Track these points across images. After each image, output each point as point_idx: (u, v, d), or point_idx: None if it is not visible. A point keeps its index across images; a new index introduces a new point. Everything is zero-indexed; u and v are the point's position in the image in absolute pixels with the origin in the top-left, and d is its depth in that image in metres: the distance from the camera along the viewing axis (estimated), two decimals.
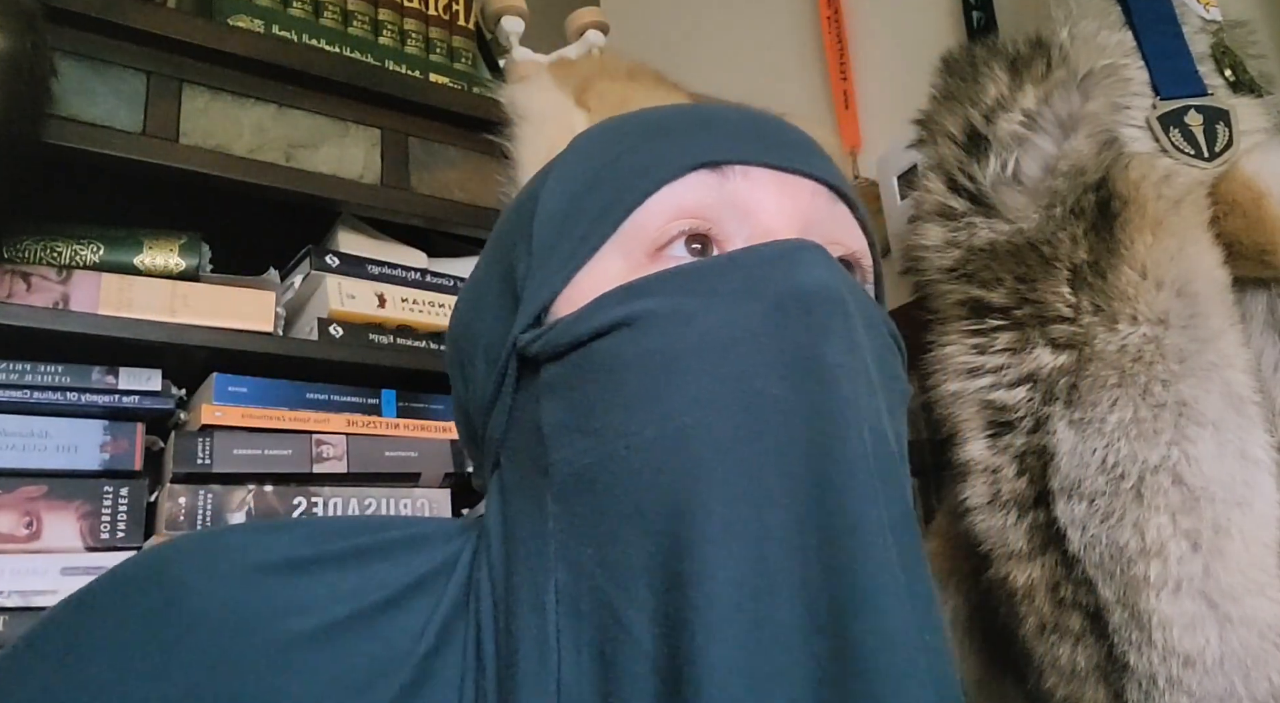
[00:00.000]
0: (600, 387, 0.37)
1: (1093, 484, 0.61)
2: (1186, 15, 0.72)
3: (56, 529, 0.82)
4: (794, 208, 0.40)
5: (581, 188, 0.42)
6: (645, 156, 0.41)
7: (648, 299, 0.37)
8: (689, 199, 0.39)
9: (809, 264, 0.36)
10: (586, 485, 0.36)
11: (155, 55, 0.91)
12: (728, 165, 0.40)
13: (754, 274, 0.37)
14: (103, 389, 0.85)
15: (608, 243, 0.39)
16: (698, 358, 0.35)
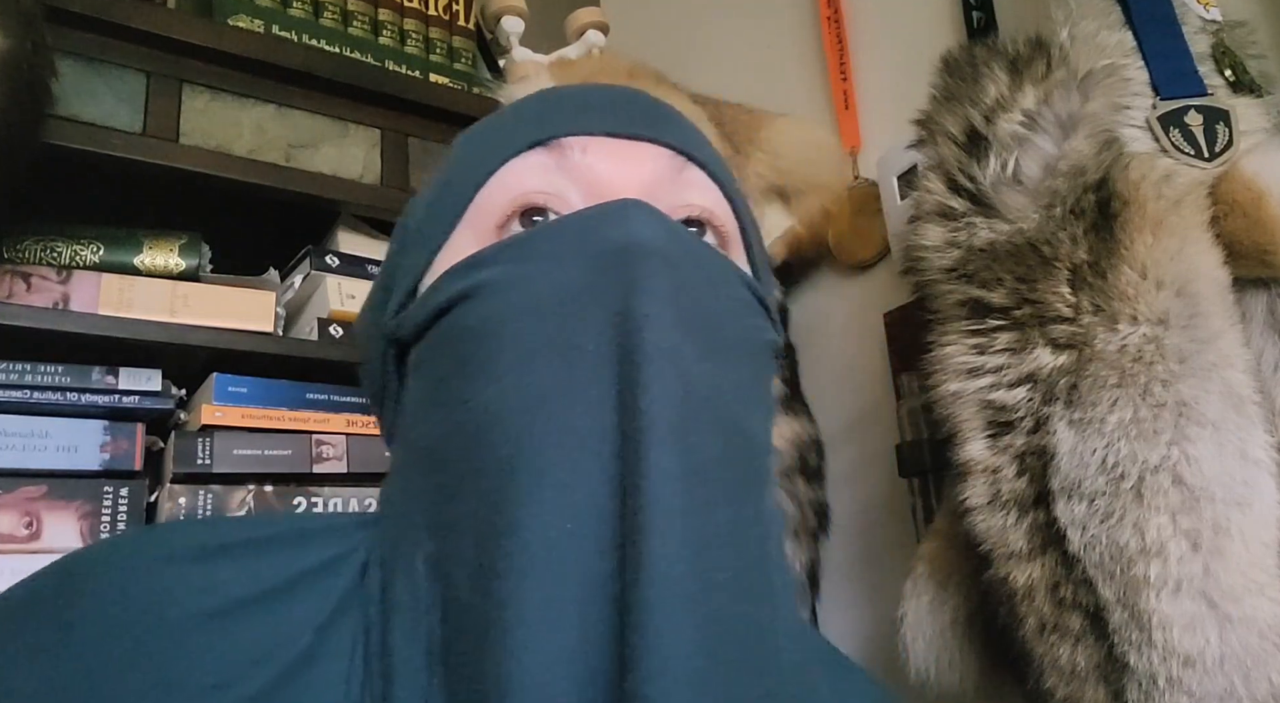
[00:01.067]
0: (446, 360, 0.39)
1: (1093, 484, 0.61)
2: (1186, 15, 0.72)
3: (57, 529, 0.82)
4: (634, 173, 0.41)
5: (443, 180, 0.44)
6: (491, 139, 0.43)
7: (485, 269, 0.39)
8: (527, 175, 0.41)
9: (629, 220, 0.38)
10: (439, 455, 0.38)
11: (155, 55, 0.91)
12: (565, 139, 0.41)
13: (578, 235, 0.38)
14: (103, 389, 0.85)
15: (460, 223, 0.42)
16: (525, 320, 0.37)
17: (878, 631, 1.00)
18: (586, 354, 0.35)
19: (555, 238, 0.39)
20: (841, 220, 1.08)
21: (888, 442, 0.98)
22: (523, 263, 0.38)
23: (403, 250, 0.45)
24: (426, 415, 0.39)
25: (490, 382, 0.36)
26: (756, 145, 1.09)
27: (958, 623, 0.74)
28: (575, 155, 0.41)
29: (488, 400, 0.36)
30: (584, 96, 0.45)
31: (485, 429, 0.36)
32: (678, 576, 0.32)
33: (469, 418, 0.37)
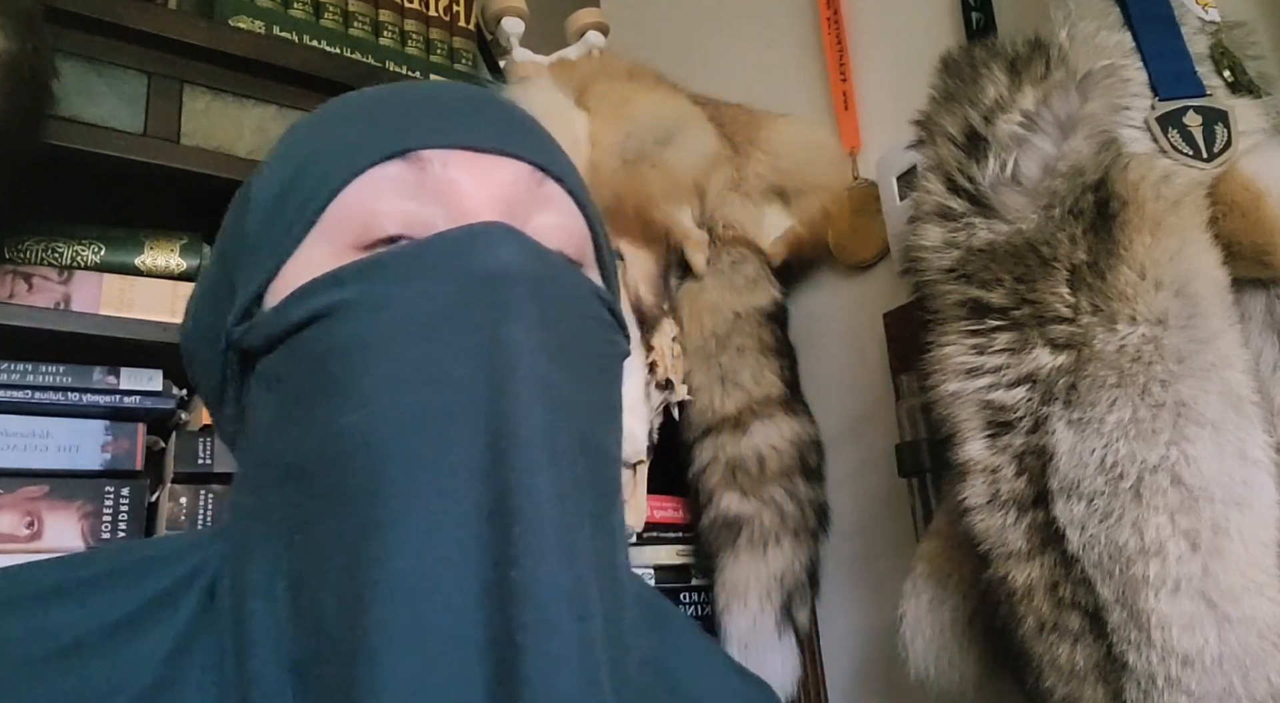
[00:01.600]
0: (305, 378, 0.38)
1: (1091, 484, 0.62)
2: (1185, 16, 0.72)
3: (58, 529, 0.82)
4: (495, 190, 0.41)
5: (288, 177, 0.42)
6: (343, 144, 0.41)
7: (345, 288, 0.38)
8: (387, 191, 0.40)
9: (494, 245, 0.38)
10: (298, 475, 0.37)
11: (156, 56, 0.91)
12: (424, 151, 0.40)
13: (442, 259, 0.38)
14: (104, 389, 0.86)
15: (311, 232, 0.40)
16: (390, 344, 0.37)
17: (877, 630, 1.00)
18: (456, 381, 0.35)
19: (422, 260, 0.38)
20: (841, 221, 1.08)
21: (887, 442, 0.98)
22: (387, 284, 0.38)
23: (245, 250, 0.42)
24: (283, 433, 0.38)
25: (356, 406, 0.36)
26: (756, 146, 1.09)
27: (957, 622, 0.74)
28: (435, 169, 0.40)
29: (354, 425, 0.36)
30: (440, 102, 0.43)
31: (351, 454, 0.35)
32: (558, 601, 0.32)
33: (333, 442, 0.36)
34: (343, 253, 0.39)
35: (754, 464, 1.01)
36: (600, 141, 0.98)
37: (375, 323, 0.37)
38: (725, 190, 1.08)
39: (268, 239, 0.41)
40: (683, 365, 1.03)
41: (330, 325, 0.38)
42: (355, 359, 0.37)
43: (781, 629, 0.99)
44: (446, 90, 0.45)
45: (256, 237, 0.42)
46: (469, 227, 0.39)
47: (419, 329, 0.37)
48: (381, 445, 0.35)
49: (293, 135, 0.45)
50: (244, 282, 0.41)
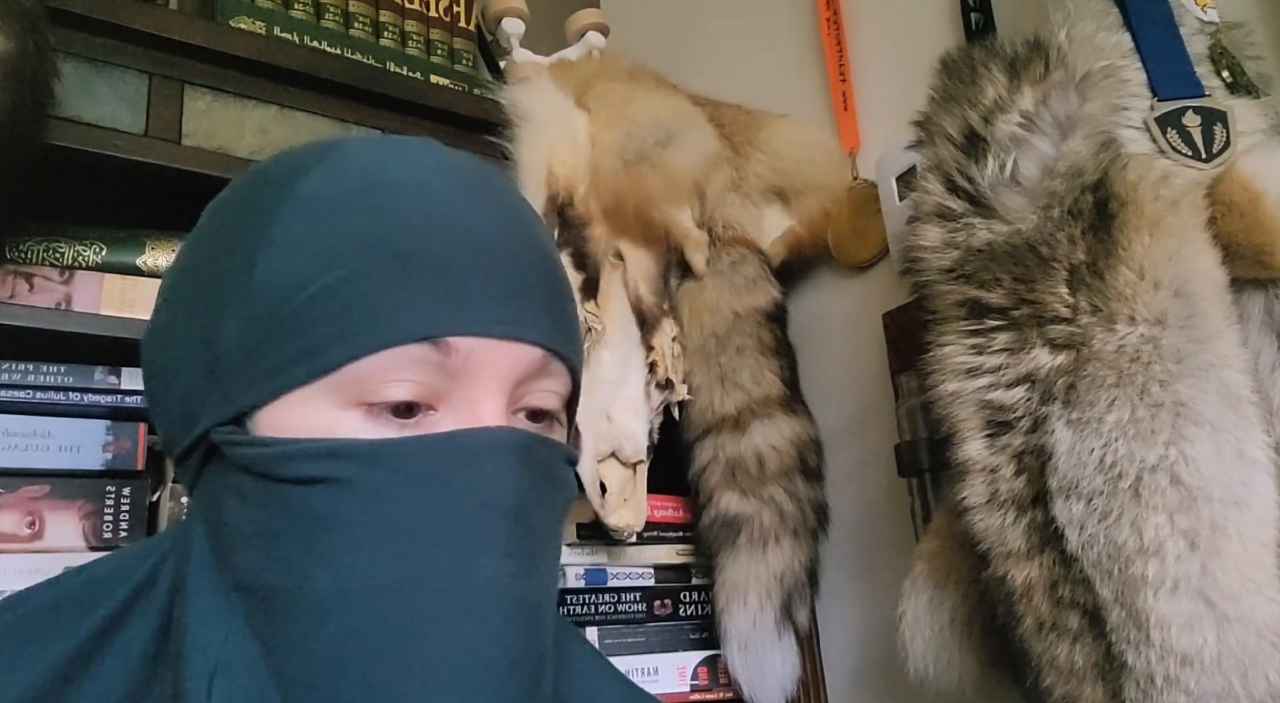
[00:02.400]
0: (290, 526, 0.40)
1: (1090, 484, 0.62)
2: (1184, 17, 0.72)
3: (59, 529, 0.82)
4: (507, 375, 0.42)
5: (305, 290, 0.40)
6: (375, 301, 0.40)
7: (345, 464, 0.39)
8: (409, 369, 0.40)
9: (496, 469, 0.41)
10: (268, 600, 0.40)
11: (157, 57, 0.91)
12: (450, 339, 0.41)
13: (445, 468, 0.40)
14: (105, 389, 0.86)
15: (320, 380, 0.40)
16: (372, 532, 0.39)
17: (877, 630, 1.00)
18: (427, 587, 0.39)
19: (423, 461, 0.40)
20: (841, 221, 1.08)
21: (887, 442, 0.98)
22: (387, 473, 0.39)
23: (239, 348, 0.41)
24: (255, 556, 0.40)
25: (332, 579, 0.39)
26: (756, 146, 1.09)
27: (956, 622, 0.74)
28: (459, 355, 0.41)
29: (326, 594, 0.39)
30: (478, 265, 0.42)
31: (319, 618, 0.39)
32: None
33: (304, 596, 0.39)
34: (346, 413, 0.40)
35: (754, 464, 1.01)
36: (600, 142, 0.98)
37: (365, 509, 0.39)
38: (725, 191, 1.08)
39: (269, 356, 0.40)
40: (683, 365, 1.04)
41: (327, 494, 0.39)
42: (341, 538, 0.39)
43: (781, 629, 0.99)
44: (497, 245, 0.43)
45: (256, 340, 0.40)
46: (475, 437, 0.41)
47: (409, 532, 0.39)
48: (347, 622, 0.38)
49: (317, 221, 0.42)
50: (235, 386, 0.41)
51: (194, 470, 0.43)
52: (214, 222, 0.46)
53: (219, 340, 0.41)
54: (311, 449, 0.39)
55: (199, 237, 0.46)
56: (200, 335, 0.42)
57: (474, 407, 0.41)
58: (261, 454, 0.40)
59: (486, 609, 0.39)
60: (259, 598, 0.40)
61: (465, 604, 0.39)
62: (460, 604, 0.39)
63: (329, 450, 0.39)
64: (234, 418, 0.41)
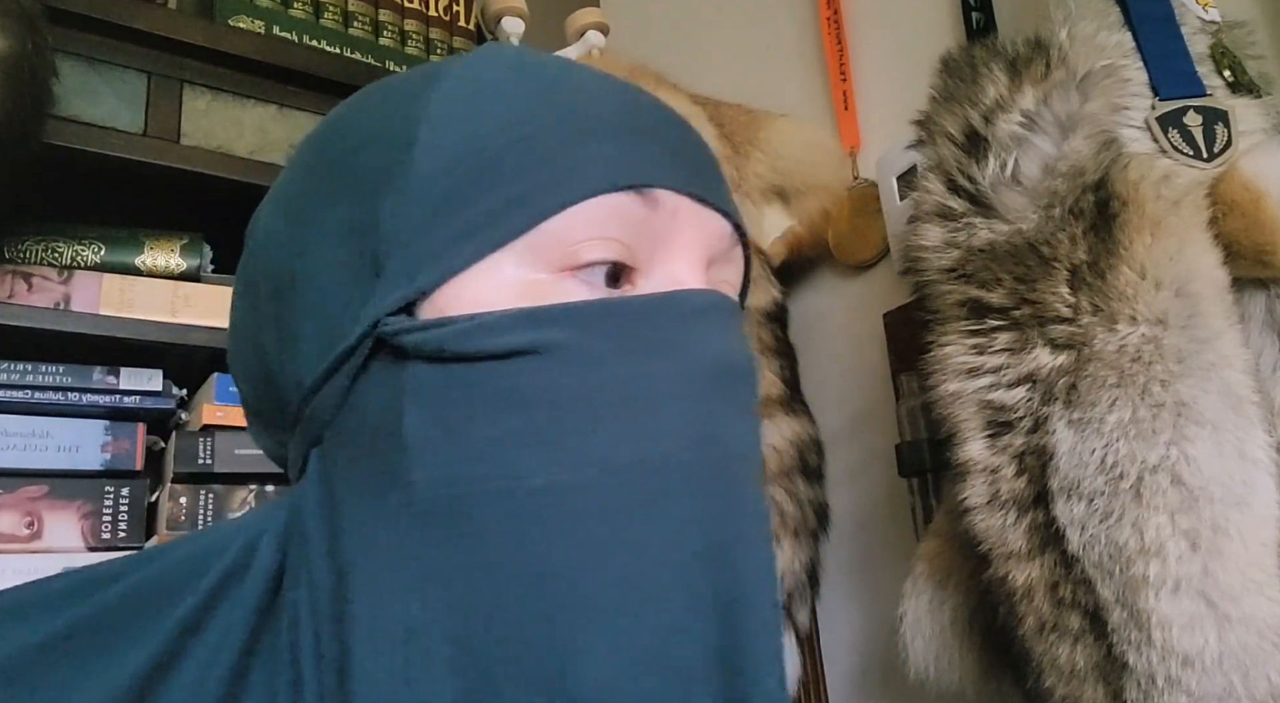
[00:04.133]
0: (489, 413, 0.33)
1: (1092, 484, 0.62)
2: (1185, 16, 0.72)
3: (58, 529, 0.82)
4: (704, 248, 0.38)
5: (484, 148, 0.35)
6: (567, 154, 0.35)
7: (555, 330, 0.33)
8: (612, 223, 0.35)
9: (721, 331, 0.36)
10: (458, 517, 0.32)
11: (156, 56, 0.91)
12: (656, 190, 0.36)
13: (668, 330, 0.35)
14: (104, 389, 0.86)
15: (513, 242, 0.34)
16: (605, 408, 0.33)
17: (877, 630, 1.00)
18: (677, 468, 0.33)
19: (642, 322, 0.35)
20: (841, 221, 1.08)
21: (888, 442, 0.98)
22: (602, 338, 0.34)
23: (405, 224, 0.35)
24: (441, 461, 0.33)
25: (551, 465, 0.32)
26: (756, 146, 1.09)
27: (957, 622, 0.74)
28: (665, 212, 0.36)
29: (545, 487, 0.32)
30: (668, 131, 0.39)
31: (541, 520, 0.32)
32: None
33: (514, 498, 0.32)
34: (540, 279, 0.34)
35: None
36: None
37: (590, 378, 0.33)
38: None
39: (444, 230, 0.34)
40: None
41: (535, 365, 0.33)
42: (560, 412, 0.33)
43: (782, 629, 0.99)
44: (666, 115, 0.40)
45: (426, 217, 0.34)
46: (694, 296, 0.36)
47: (639, 400, 0.33)
48: (587, 522, 0.32)
49: (486, 92, 0.37)
50: (404, 267, 0.34)
51: (334, 402, 0.35)
52: (337, 124, 0.39)
53: (378, 225, 0.35)
54: (515, 317, 0.33)
55: (315, 146, 0.40)
56: (347, 227, 0.36)
57: (676, 276, 0.36)
58: (451, 332, 0.33)
59: (740, 482, 0.34)
60: (446, 522, 0.32)
61: (719, 480, 0.33)
62: (714, 481, 0.33)
63: (533, 316, 0.33)
64: (402, 308, 0.34)
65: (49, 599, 0.35)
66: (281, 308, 0.37)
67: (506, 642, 0.31)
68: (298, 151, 0.41)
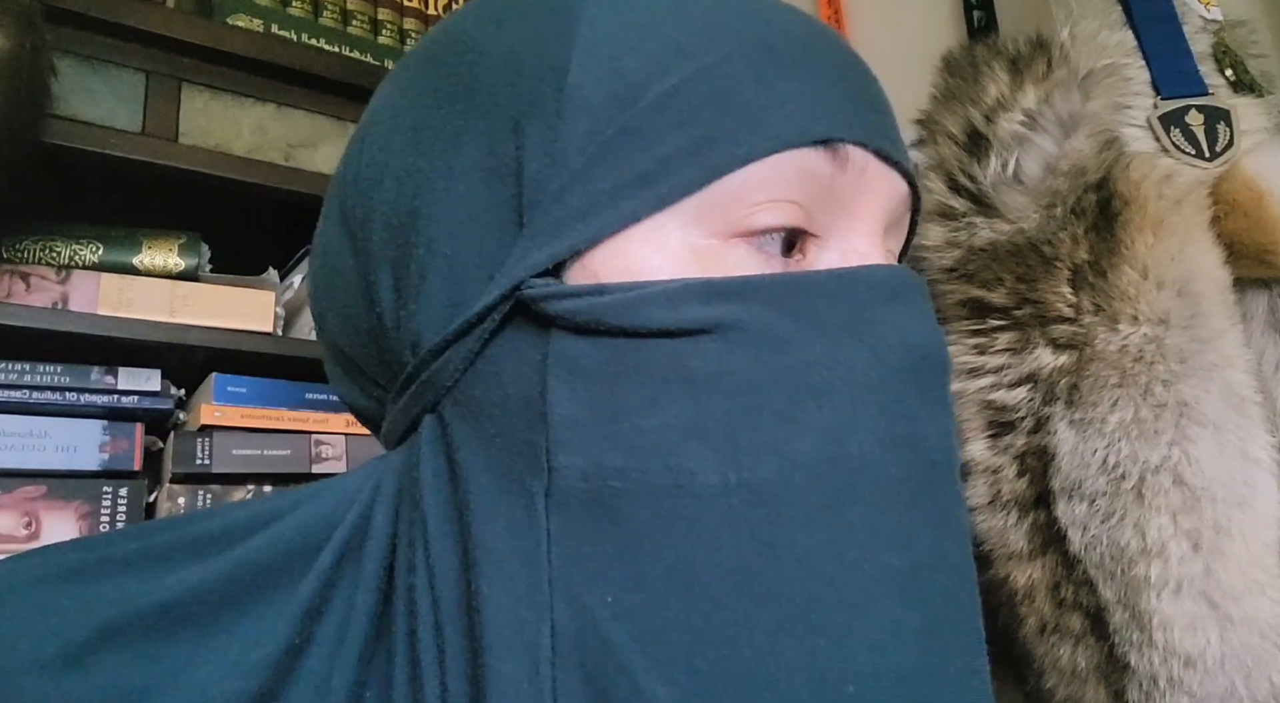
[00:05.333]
0: (653, 396, 0.29)
1: (1093, 485, 0.61)
2: (1187, 15, 0.72)
3: (56, 530, 0.82)
4: (886, 215, 0.34)
5: (650, 85, 0.30)
6: (753, 95, 0.30)
7: (734, 305, 0.29)
8: (797, 183, 0.30)
9: (916, 316, 0.31)
10: (607, 512, 0.28)
11: (154, 55, 0.91)
12: (845, 146, 0.31)
13: (862, 312, 0.30)
14: (102, 389, 0.85)
15: (683, 200, 0.30)
16: (789, 397, 0.29)
17: None
18: (869, 468, 0.29)
19: (829, 300, 0.30)
20: None
21: None
22: (785, 316, 0.29)
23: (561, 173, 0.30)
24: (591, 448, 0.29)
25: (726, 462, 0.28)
26: None
27: None
28: (853, 176, 0.32)
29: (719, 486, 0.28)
30: (856, 80, 0.34)
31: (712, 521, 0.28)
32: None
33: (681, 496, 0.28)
34: (710, 243, 0.30)
35: None
36: None
37: (771, 363, 0.29)
38: None
39: (602, 182, 0.30)
40: None
41: (710, 346, 0.29)
42: (739, 401, 0.28)
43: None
44: (850, 54, 0.35)
45: (581, 164, 0.30)
46: (883, 273, 0.31)
47: (827, 389, 0.29)
48: (765, 525, 0.28)
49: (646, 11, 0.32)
50: (556, 221, 0.30)
51: (460, 366, 0.31)
52: (464, 39, 0.34)
53: (523, 167, 0.30)
54: (688, 288, 0.29)
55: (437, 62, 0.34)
56: (485, 166, 0.31)
57: (856, 244, 0.32)
58: (611, 302, 0.29)
59: (940, 489, 0.30)
60: (595, 515, 0.28)
61: (916, 487, 0.29)
62: (910, 487, 0.29)
63: (709, 289, 0.29)
64: (549, 268, 0.30)
65: (161, 555, 0.31)
66: (402, 252, 0.32)
67: (667, 661, 0.27)
68: (410, 68, 0.35)
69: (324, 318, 0.37)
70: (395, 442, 0.34)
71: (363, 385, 0.36)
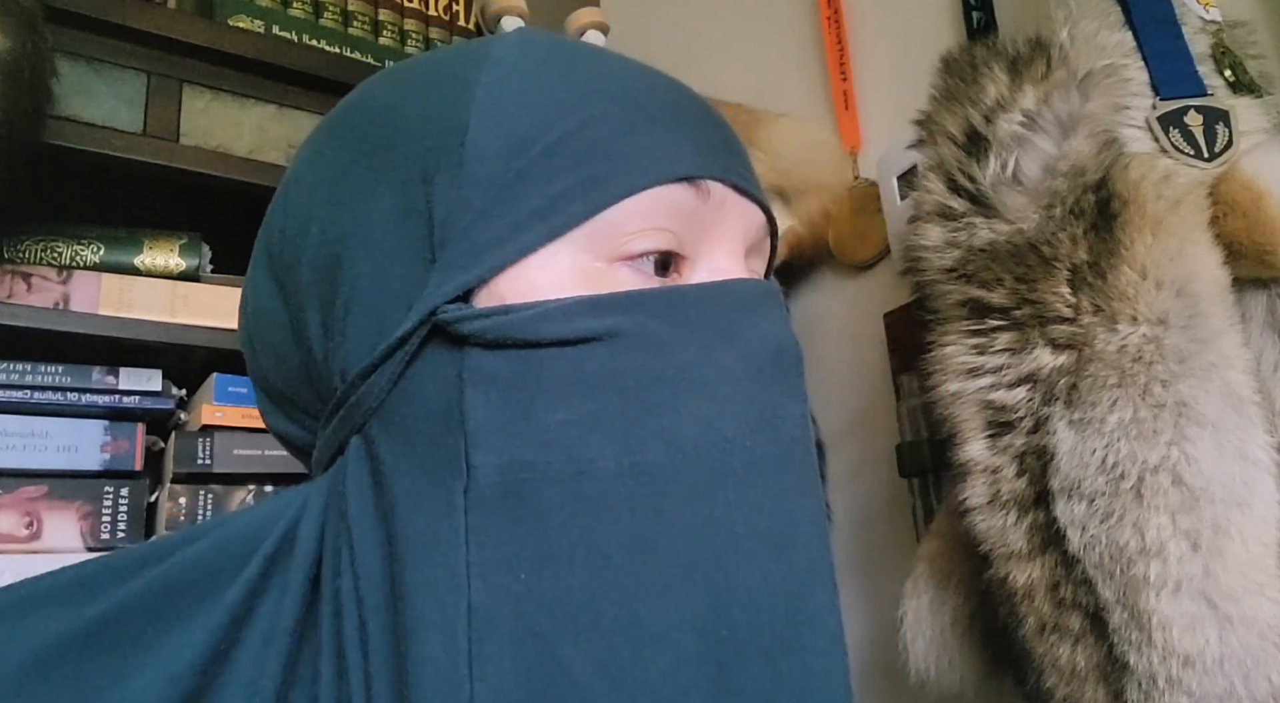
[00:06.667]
0: (555, 398, 0.33)
1: (1092, 484, 0.61)
2: (1186, 15, 0.72)
3: (57, 529, 0.82)
4: (745, 237, 0.39)
5: (539, 137, 0.35)
6: (626, 142, 0.36)
7: (619, 316, 0.34)
8: (666, 213, 0.36)
9: (775, 318, 0.37)
10: (520, 502, 0.32)
11: (156, 56, 0.91)
12: (707, 181, 0.37)
13: (727, 317, 0.36)
14: (103, 389, 0.86)
15: (572, 231, 0.35)
16: (671, 391, 0.34)
17: (878, 631, 1.00)
18: (741, 452, 0.34)
19: (701, 309, 0.35)
20: (841, 220, 1.08)
21: (888, 442, 0.98)
22: (663, 323, 0.34)
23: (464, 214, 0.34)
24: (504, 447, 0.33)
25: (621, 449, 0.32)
26: (756, 145, 1.09)
27: (958, 623, 0.74)
28: (714, 206, 0.37)
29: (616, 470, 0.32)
30: (711, 127, 0.40)
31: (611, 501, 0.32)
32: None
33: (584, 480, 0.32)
34: (594, 268, 0.35)
35: None
36: None
37: (653, 363, 0.34)
38: None
39: (504, 217, 0.34)
40: None
41: (601, 351, 0.33)
42: (627, 397, 0.33)
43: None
44: (704, 105, 0.42)
45: (485, 201, 0.34)
46: (746, 285, 0.37)
47: (703, 384, 0.34)
48: (656, 502, 0.32)
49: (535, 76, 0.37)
50: (463, 255, 0.34)
51: (383, 389, 0.35)
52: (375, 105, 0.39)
53: (434, 213, 0.35)
54: (580, 304, 0.34)
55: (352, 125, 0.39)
56: (399, 212, 0.35)
57: (720, 263, 0.37)
58: (516, 320, 0.33)
59: (796, 463, 0.35)
60: (509, 505, 0.32)
61: (778, 461, 0.34)
62: (773, 462, 0.34)
63: (598, 304, 0.34)
64: (459, 296, 0.34)
65: (86, 584, 0.34)
66: (327, 292, 0.37)
67: (575, 624, 0.31)
68: (329, 130, 0.40)
69: (256, 358, 0.41)
70: (324, 467, 0.38)
71: (294, 417, 0.41)
